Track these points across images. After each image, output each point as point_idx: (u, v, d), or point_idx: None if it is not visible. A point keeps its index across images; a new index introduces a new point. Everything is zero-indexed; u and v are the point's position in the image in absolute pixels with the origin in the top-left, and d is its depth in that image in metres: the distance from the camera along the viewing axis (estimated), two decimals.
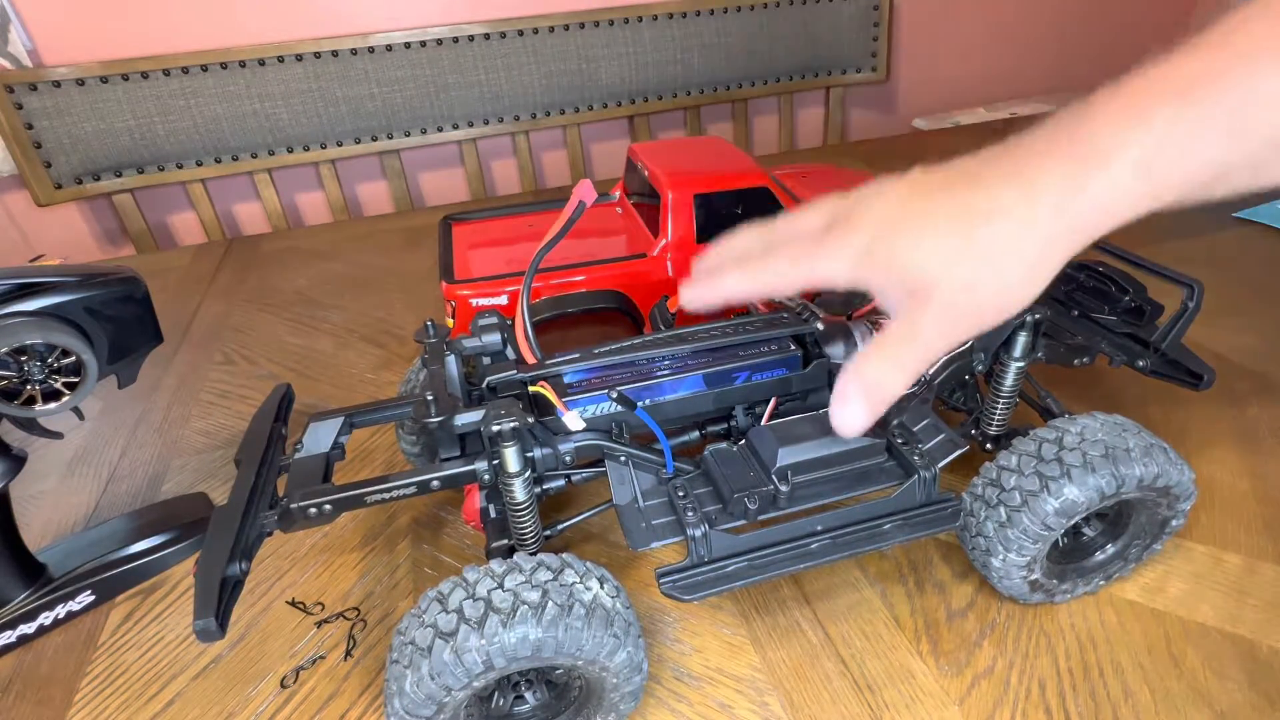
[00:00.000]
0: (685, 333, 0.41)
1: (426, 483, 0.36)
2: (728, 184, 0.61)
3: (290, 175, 1.18)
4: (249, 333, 0.72)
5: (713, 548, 0.35)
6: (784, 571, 0.35)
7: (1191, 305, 0.42)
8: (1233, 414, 0.53)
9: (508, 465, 0.35)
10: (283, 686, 0.38)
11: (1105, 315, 0.46)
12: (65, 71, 0.96)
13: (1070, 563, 0.40)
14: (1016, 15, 1.51)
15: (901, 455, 0.37)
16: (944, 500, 0.37)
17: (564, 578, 0.31)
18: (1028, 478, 0.35)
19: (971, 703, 0.36)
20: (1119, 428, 0.36)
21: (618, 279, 0.60)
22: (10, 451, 0.40)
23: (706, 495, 0.36)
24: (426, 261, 0.83)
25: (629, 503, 0.36)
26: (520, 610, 0.29)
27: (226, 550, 0.31)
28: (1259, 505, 0.46)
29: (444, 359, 0.39)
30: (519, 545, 0.37)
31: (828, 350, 0.42)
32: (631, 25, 1.16)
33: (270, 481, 0.36)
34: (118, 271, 0.40)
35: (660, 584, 0.34)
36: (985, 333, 0.40)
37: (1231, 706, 0.35)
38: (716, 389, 0.41)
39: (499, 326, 0.40)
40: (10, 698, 0.39)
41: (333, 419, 0.39)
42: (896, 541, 0.36)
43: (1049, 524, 0.35)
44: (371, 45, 1.06)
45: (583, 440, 0.37)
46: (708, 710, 0.36)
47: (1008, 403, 0.43)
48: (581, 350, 0.40)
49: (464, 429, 0.36)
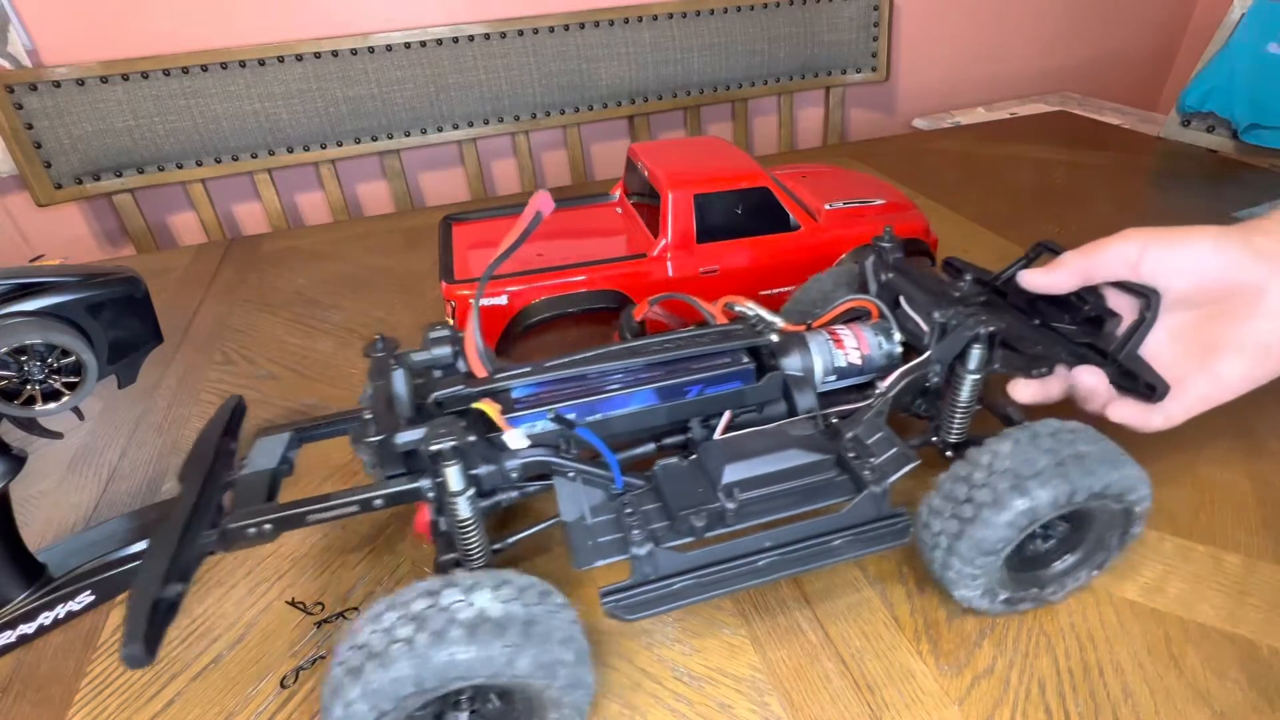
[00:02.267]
0: (638, 345, 0.41)
1: (369, 501, 0.35)
2: (728, 184, 0.61)
3: (290, 175, 1.18)
4: (249, 333, 0.72)
5: (659, 565, 0.34)
6: (732, 589, 0.34)
7: (1149, 315, 0.41)
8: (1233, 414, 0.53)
9: (450, 484, 0.34)
10: (283, 686, 0.38)
11: (1066, 325, 0.45)
12: (65, 71, 0.96)
13: (1029, 572, 0.39)
14: (1016, 15, 1.51)
15: (852, 470, 0.37)
16: (894, 515, 0.36)
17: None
18: (979, 489, 0.35)
19: (971, 703, 0.36)
20: (1071, 435, 0.36)
21: (618, 279, 0.60)
22: (10, 451, 0.40)
23: (655, 511, 0.36)
24: (426, 261, 0.83)
25: (577, 519, 0.35)
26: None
27: (161, 572, 0.30)
28: (1259, 505, 0.46)
29: (390, 374, 0.37)
30: (465, 561, 0.37)
31: (783, 362, 0.42)
32: (631, 25, 1.16)
33: (213, 499, 0.35)
34: (118, 271, 0.40)
35: (603, 603, 0.33)
36: (941, 345, 0.40)
37: (1231, 706, 0.35)
38: (668, 403, 0.40)
39: (450, 339, 0.39)
40: (10, 698, 0.39)
41: (280, 434, 0.38)
42: (846, 558, 0.36)
43: (1001, 535, 0.34)
44: (371, 45, 1.06)
45: (529, 457, 0.36)
46: (708, 710, 0.36)
47: (965, 413, 0.42)
48: (532, 364, 0.39)
49: (404, 448, 0.35)
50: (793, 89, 1.30)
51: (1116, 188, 0.93)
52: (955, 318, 0.40)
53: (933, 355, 0.41)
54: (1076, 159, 1.02)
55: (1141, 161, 1.01)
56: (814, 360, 0.42)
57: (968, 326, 0.39)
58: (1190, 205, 0.88)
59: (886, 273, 0.47)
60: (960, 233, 0.82)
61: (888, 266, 0.47)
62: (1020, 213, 0.86)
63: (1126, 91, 1.64)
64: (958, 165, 1.02)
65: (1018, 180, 0.97)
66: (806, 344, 0.42)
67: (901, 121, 1.51)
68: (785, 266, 0.63)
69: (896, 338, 0.44)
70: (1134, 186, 0.95)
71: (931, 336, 0.41)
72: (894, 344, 0.44)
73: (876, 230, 0.67)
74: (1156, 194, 0.94)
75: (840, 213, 0.67)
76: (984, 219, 0.85)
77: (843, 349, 0.43)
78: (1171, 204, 0.90)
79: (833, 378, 0.43)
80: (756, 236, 0.63)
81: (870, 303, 0.46)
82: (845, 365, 0.43)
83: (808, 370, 0.42)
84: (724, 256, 0.62)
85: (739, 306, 0.45)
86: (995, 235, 0.81)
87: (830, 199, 0.69)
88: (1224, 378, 0.40)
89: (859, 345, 0.43)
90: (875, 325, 0.45)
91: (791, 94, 1.33)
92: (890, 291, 0.46)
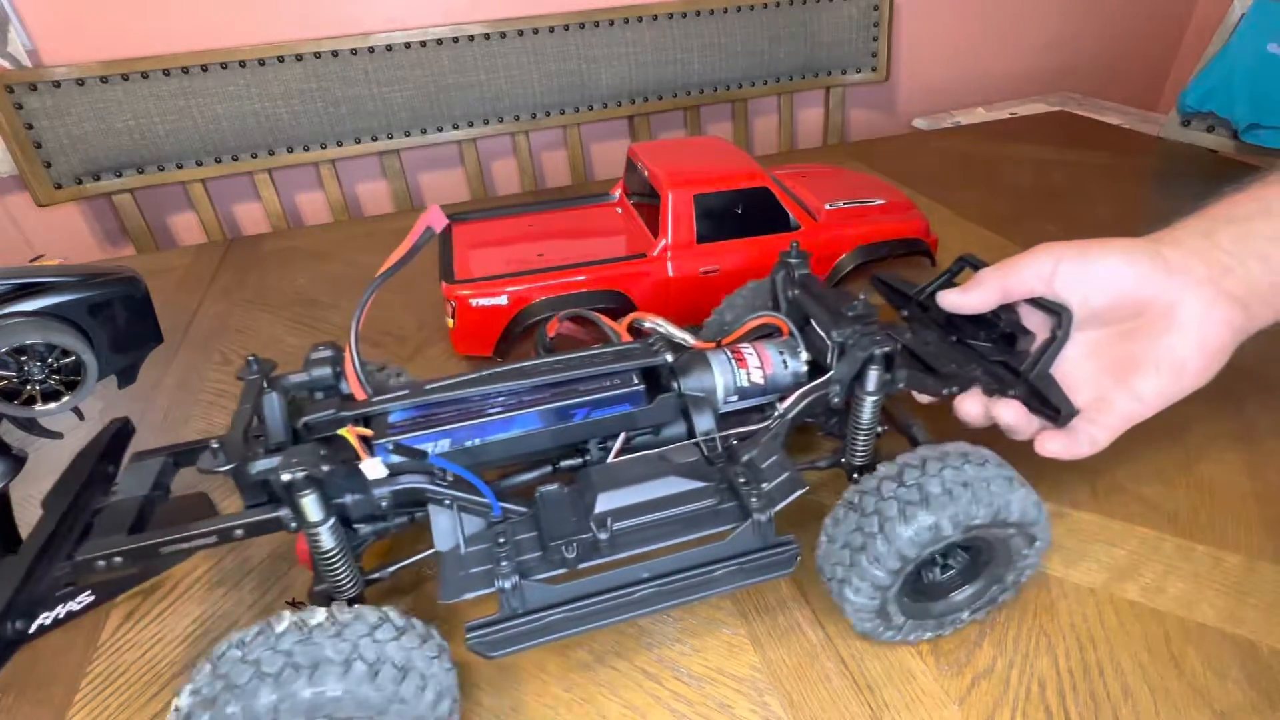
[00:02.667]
0: (526, 366, 0.39)
1: (229, 531, 0.34)
2: (728, 184, 0.61)
3: (290, 175, 1.18)
4: (249, 333, 0.72)
5: (525, 599, 0.33)
6: (606, 623, 0.33)
7: (1060, 334, 0.40)
8: (1233, 414, 0.53)
9: (307, 515, 0.32)
10: None
11: (980, 342, 0.44)
12: (65, 71, 0.96)
13: (924, 601, 0.38)
14: (1016, 15, 1.51)
15: (740, 495, 0.35)
16: (781, 544, 0.35)
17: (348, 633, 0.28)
18: (868, 518, 0.34)
19: (971, 703, 0.36)
20: (964, 461, 0.34)
21: (618, 279, 0.60)
22: (10, 451, 0.40)
23: (529, 541, 0.34)
24: (426, 261, 0.82)
25: (451, 549, 0.34)
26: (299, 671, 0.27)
27: (2, 605, 0.29)
28: (1259, 505, 0.46)
29: (257, 398, 0.36)
30: (335, 594, 0.35)
31: (684, 382, 0.40)
32: (631, 25, 1.16)
33: (77, 527, 0.34)
34: (118, 271, 0.40)
35: (468, 639, 0.32)
36: (841, 366, 0.39)
37: (1231, 706, 0.35)
38: (553, 426, 0.38)
39: (329, 359, 0.37)
40: (10, 698, 0.39)
41: (154, 458, 0.37)
42: (729, 588, 0.35)
43: (890, 565, 0.33)
44: (371, 45, 1.06)
45: (400, 484, 0.33)
46: (708, 710, 0.36)
47: (868, 435, 0.40)
48: (410, 386, 0.38)
49: (258, 477, 0.33)
50: (793, 89, 1.30)
51: (1116, 188, 0.93)
52: (852, 337, 0.39)
53: (834, 375, 0.39)
54: (1076, 159, 1.02)
55: (1141, 161, 1.01)
56: (716, 380, 0.41)
57: (862, 347, 0.38)
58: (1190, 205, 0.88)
59: (793, 289, 0.45)
60: (960, 233, 0.82)
61: (794, 283, 0.45)
62: (1020, 213, 0.86)
63: (1126, 91, 1.64)
64: (958, 165, 1.02)
65: (1018, 180, 0.97)
66: (709, 363, 0.41)
67: (901, 121, 1.51)
68: None
69: (803, 356, 0.43)
70: (1134, 186, 0.94)
71: (832, 356, 0.40)
72: (799, 363, 0.42)
73: (877, 230, 0.67)
74: (1156, 194, 0.94)
75: (840, 213, 0.67)
76: (984, 219, 0.85)
77: (745, 368, 0.42)
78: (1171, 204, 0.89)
79: (734, 398, 0.42)
80: (756, 236, 0.63)
81: (779, 320, 0.44)
82: (748, 385, 0.42)
83: (709, 390, 0.41)
84: (724, 256, 0.62)
85: (648, 323, 0.44)
86: (995, 235, 0.81)
87: (830, 199, 0.69)
88: (1143, 395, 0.40)
89: (762, 365, 0.42)
90: (782, 343, 0.43)
91: (791, 94, 1.33)
92: (798, 309, 0.44)
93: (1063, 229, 0.82)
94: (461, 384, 0.37)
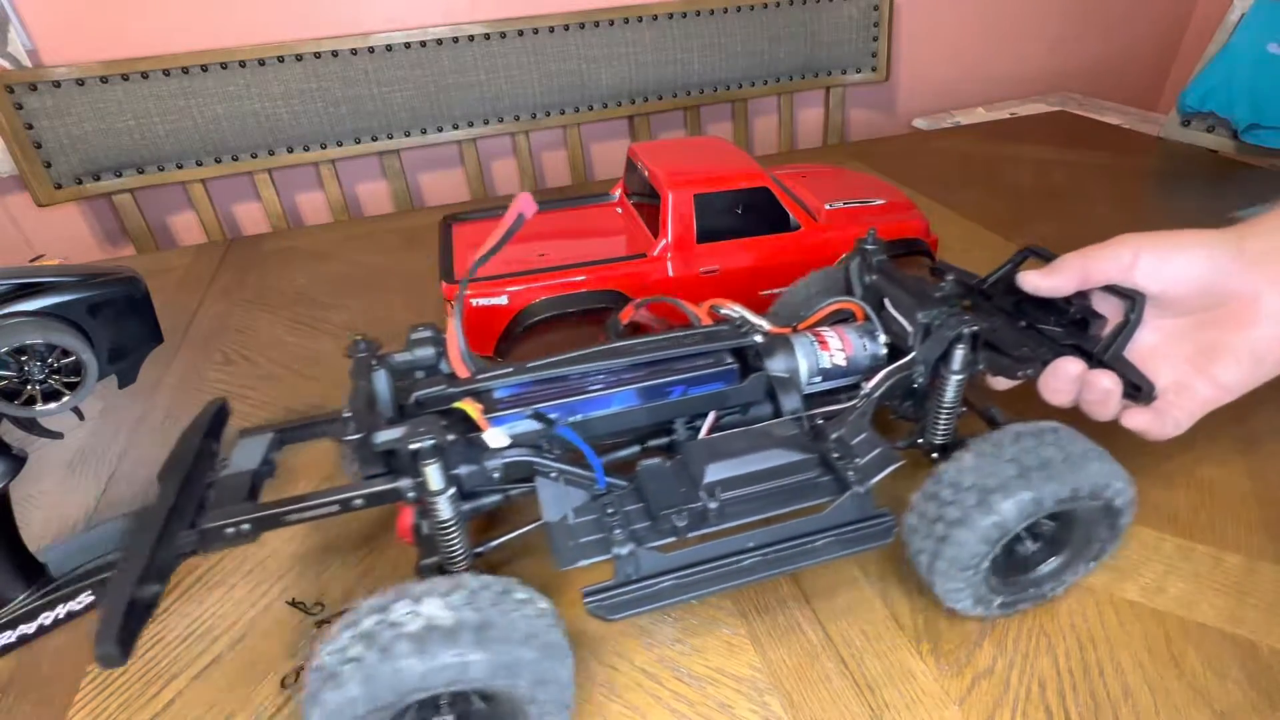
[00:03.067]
0: (621, 346, 0.41)
1: (349, 500, 0.35)
2: (728, 184, 0.61)
3: (290, 175, 1.18)
4: (249, 333, 0.72)
5: (641, 565, 0.34)
6: (714, 590, 0.34)
7: (1133, 317, 0.41)
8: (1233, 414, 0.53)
9: (430, 483, 0.34)
10: (283, 686, 0.38)
11: (1051, 326, 0.45)
12: (65, 71, 0.96)
13: (1013, 576, 0.39)
14: (1016, 15, 1.51)
15: (836, 470, 0.36)
16: (878, 516, 0.36)
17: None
18: (965, 492, 0.35)
19: (971, 703, 0.36)
20: (1055, 436, 0.36)
21: (618, 279, 0.60)
22: (10, 451, 0.40)
23: (637, 512, 0.36)
24: (426, 261, 0.83)
25: (559, 520, 0.35)
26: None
27: (137, 571, 0.30)
28: (1259, 505, 0.46)
29: (371, 374, 0.37)
30: (447, 564, 0.36)
31: (768, 363, 0.42)
32: (631, 25, 1.16)
33: (193, 500, 0.35)
34: (118, 271, 0.40)
35: (586, 603, 0.33)
36: (925, 346, 0.40)
37: (1231, 706, 0.35)
38: (650, 403, 0.40)
39: (433, 340, 0.39)
40: (10, 698, 0.39)
41: (262, 435, 0.38)
42: (828, 558, 0.36)
43: (986, 537, 0.34)
44: (371, 45, 1.06)
45: (511, 457, 0.36)
46: (708, 710, 0.36)
47: (950, 414, 0.42)
48: (514, 364, 0.39)
49: (384, 447, 0.35)
50: (793, 89, 1.30)
51: (1116, 188, 0.93)
52: (939, 318, 0.40)
53: (917, 356, 0.40)
54: (1076, 159, 1.02)
55: (1141, 161, 1.01)
56: (799, 362, 0.42)
57: (950, 326, 0.39)
58: (1190, 205, 0.88)
59: (870, 275, 0.47)
60: (960, 233, 0.82)
61: (871, 269, 0.47)
62: (1020, 213, 0.86)
63: (1126, 91, 1.64)
64: (958, 165, 1.02)
65: (1018, 180, 0.97)
66: (791, 346, 0.42)
67: (901, 121, 1.51)
68: (785, 267, 0.63)
69: (881, 339, 0.44)
70: (1134, 186, 0.94)
71: (915, 337, 0.41)
72: (878, 345, 0.44)
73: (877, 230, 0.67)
74: (1156, 194, 0.94)
75: (840, 213, 0.67)
76: (984, 219, 0.85)
77: (827, 350, 0.43)
78: (1171, 204, 0.90)
79: (818, 379, 0.43)
80: (756, 236, 0.63)
81: (855, 305, 0.46)
82: (830, 367, 0.43)
83: (792, 372, 0.42)
84: (724, 256, 0.62)
85: (724, 309, 0.45)
86: (995, 235, 0.81)
87: (830, 199, 0.69)
88: (1225, 383, 0.41)
89: (843, 347, 0.43)
90: (860, 327, 0.45)
91: (791, 94, 1.33)
92: (875, 294, 0.46)
93: (1063, 229, 0.82)
94: (561, 362, 0.39)
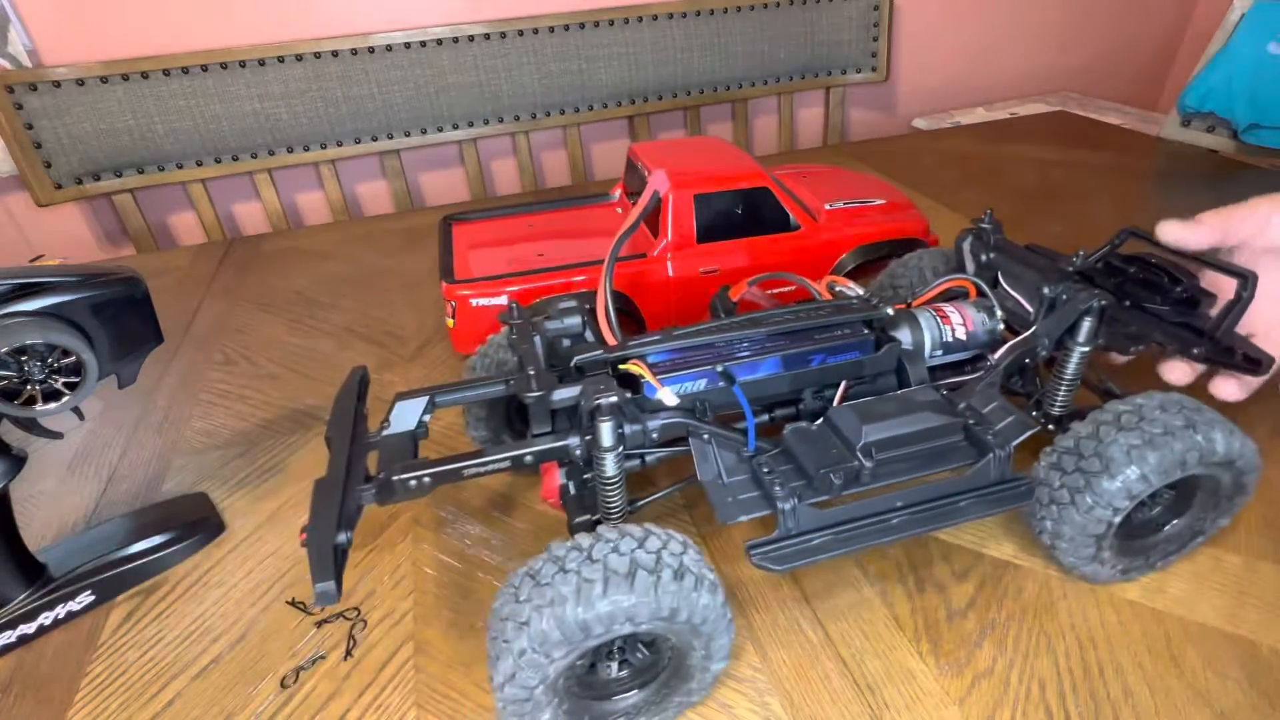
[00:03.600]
0: (760, 316, 0.43)
1: (520, 457, 0.37)
2: (728, 184, 0.61)
3: (290, 175, 1.18)
4: (249, 333, 0.72)
5: (800, 521, 0.36)
6: (868, 545, 0.36)
7: (1246, 295, 0.42)
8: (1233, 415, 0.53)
9: (603, 440, 0.36)
10: (283, 686, 0.38)
11: (1158, 305, 0.46)
12: (65, 71, 0.96)
13: (1136, 539, 0.40)
14: (1016, 15, 1.51)
15: (976, 435, 0.38)
16: (1017, 479, 0.38)
17: (649, 545, 0.31)
18: (1106, 447, 0.36)
19: (971, 703, 0.36)
20: (1188, 404, 0.37)
21: (618, 279, 0.60)
22: (10, 451, 0.40)
23: (789, 472, 0.37)
24: (426, 261, 0.83)
25: (714, 479, 0.37)
26: (612, 579, 0.29)
27: (334, 519, 0.32)
28: (1259, 505, 0.46)
29: (532, 339, 0.40)
30: (606, 518, 0.38)
31: (896, 335, 0.44)
32: (631, 25, 1.16)
33: (360, 458, 0.37)
34: (118, 271, 0.40)
35: (751, 555, 0.35)
36: (1050, 320, 0.42)
37: (1231, 706, 0.35)
38: (793, 371, 0.41)
39: (579, 310, 0.41)
40: (10, 698, 0.39)
41: (417, 399, 0.40)
42: (972, 518, 0.37)
43: (1122, 497, 0.35)
44: (371, 45, 1.06)
45: (670, 418, 0.37)
46: (708, 710, 0.36)
47: (1070, 386, 0.43)
48: (662, 332, 0.41)
49: (561, 404, 0.37)
50: (793, 89, 1.30)
51: (1116, 188, 0.93)
52: (1066, 291, 0.42)
53: (1039, 330, 0.42)
54: (1076, 159, 1.02)
55: (1141, 161, 1.01)
56: (924, 335, 0.44)
57: (1081, 300, 0.41)
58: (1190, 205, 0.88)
59: (988, 253, 0.48)
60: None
61: (989, 246, 0.48)
62: (1020, 213, 0.86)
63: (1126, 91, 1.64)
64: (958, 165, 1.02)
65: (1018, 180, 0.97)
66: (917, 320, 0.44)
67: (901, 121, 1.51)
68: (785, 266, 0.63)
69: (999, 315, 0.46)
70: (1134, 186, 0.94)
71: (1039, 312, 0.43)
72: (996, 321, 0.46)
73: (877, 230, 0.67)
74: (1156, 194, 0.94)
75: (840, 213, 0.67)
76: None
77: (950, 325, 0.45)
78: (1171, 204, 0.90)
79: (939, 352, 0.45)
80: (756, 236, 0.63)
81: (969, 282, 0.48)
82: (951, 340, 0.45)
83: (918, 344, 0.44)
84: (724, 256, 0.62)
85: (839, 287, 0.47)
86: None
87: (830, 199, 0.69)
88: None
89: (964, 322, 0.45)
90: (977, 303, 0.46)
91: (791, 94, 1.33)
92: (989, 271, 0.48)
93: (1063, 229, 0.82)
94: (706, 330, 0.41)
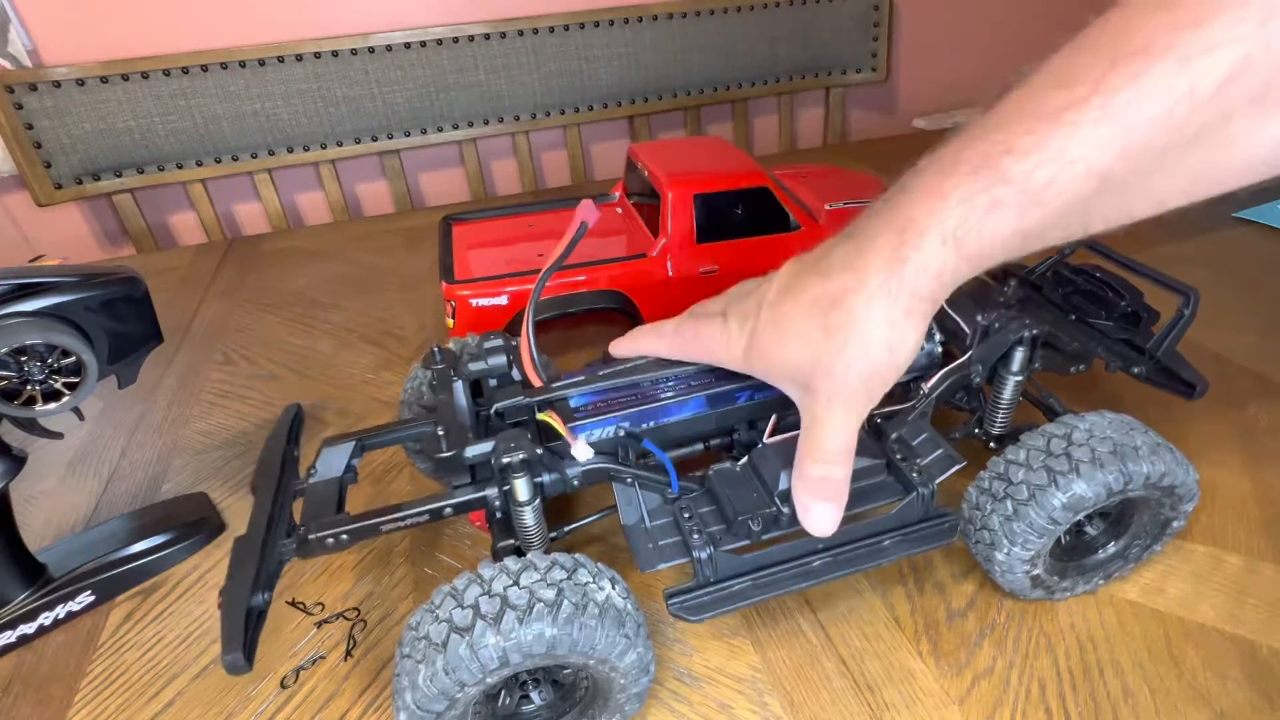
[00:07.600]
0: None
1: (439, 510, 0.37)
2: (728, 184, 0.61)
3: (290, 175, 1.18)
4: (249, 333, 0.72)
5: (718, 568, 0.35)
6: (787, 590, 0.35)
7: (1187, 313, 0.42)
8: (1232, 414, 0.53)
9: (518, 495, 0.35)
10: (283, 687, 0.38)
11: (1102, 320, 0.46)
12: (65, 71, 0.96)
13: (1071, 560, 0.40)
14: (1016, 15, 1.51)
15: (900, 472, 0.37)
16: (941, 515, 0.37)
17: (578, 577, 0.31)
18: (1036, 472, 0.35)
19: (971, 703, 0.36)
20: (1126, 426, 0.36)
21: (618, 279, 0.60)
22: (10, 451, 0.40)
23: (711, 515, 0.37)
24: (426, 261, 0.83)
25: (636, 523, 0.37)
26: (536, 608, 0.29)
27: (249, 581, 0.32)
28: (1259, 505, 0.46)
29: (452, 387, 0.39)
30: (525, 550, 0.38)
31: None
32: (631, 25, 1.16)
33: (286, 507, 0.37)
34: (118, 271, 0.40)
35: (669, 605, 0.34)
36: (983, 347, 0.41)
37: (1231, 706, 0.35)
38: (719, 409, 0.40)
39: (504, 349, 0.40)
40: (10, 698, 0.39)
41: (344, 443, 0.39)
42: (896, 557, 0.36)
43: (1055, 518, 0.35)
44: (371, 45, 1.06)
45: (590, 465, 0.37)
46: (708, 710, 0.36)
47: (1007, 410, 0.43)
48: (587, 373, 0.40)
49: (474, 461, 0.36)
50: (793, 89, 1.30)
51: None
52: (999, 320, 0.41)
53: (974, 356, 0.42)
54: None
55: None
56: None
57: (1011, 330, 0.40)
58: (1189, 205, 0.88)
59: None
60: None
61: None
62: None
63: None
64: None
65: None
66: None
67: (901, 121, 1.51)
68: None
69: (937, 338, 0.45)
70: None
71: (974, 338, 0.42)
72: (934, 344, 0.44)
73: None
74: None
75: (840, 213, 0.67)
76: None
77: None
78: None
79: None
80: (756, 237, 0.63)
81: None
82: None
83: None
84: (724, 256, 0.62)
85: None
86: None
87: (830, 199, 0.69)
88: None
89: None
90: None
91: (791, 94, 1.33)
92: None
93: None
94: (631, 370, 0.40)
